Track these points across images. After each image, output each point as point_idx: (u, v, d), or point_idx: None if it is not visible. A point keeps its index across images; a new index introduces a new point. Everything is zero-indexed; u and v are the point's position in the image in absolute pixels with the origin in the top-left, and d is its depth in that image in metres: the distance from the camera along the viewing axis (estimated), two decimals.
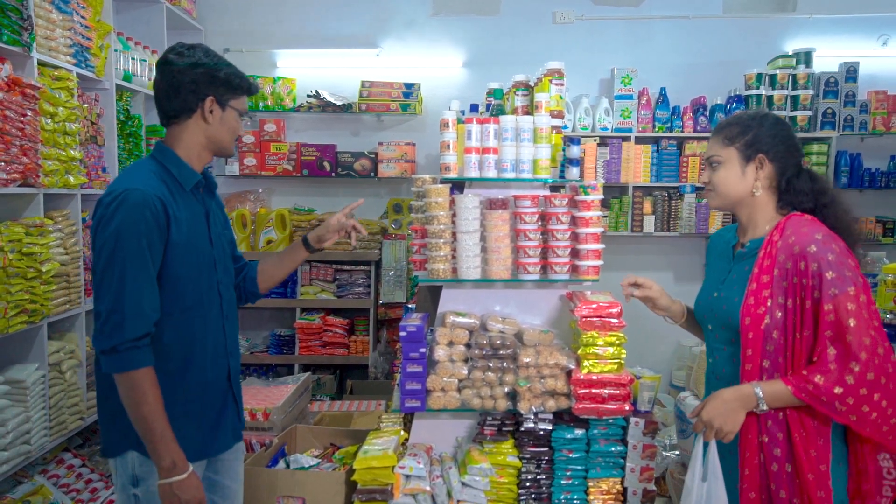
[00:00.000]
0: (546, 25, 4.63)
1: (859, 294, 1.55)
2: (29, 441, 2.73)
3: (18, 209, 2.77)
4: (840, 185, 4.51)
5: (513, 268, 2.21)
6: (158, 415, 1.58)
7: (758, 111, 1.81)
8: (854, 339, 1.52)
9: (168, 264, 1.64)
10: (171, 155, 1.72)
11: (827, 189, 1.72)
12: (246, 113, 1.82)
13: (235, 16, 4.69)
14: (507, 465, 2.19)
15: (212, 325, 1.77)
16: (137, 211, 1.56)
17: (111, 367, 1.58)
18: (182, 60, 1.70)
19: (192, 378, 1.73)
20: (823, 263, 1.56)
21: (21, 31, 2.66)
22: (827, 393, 1.53)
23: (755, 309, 1.63)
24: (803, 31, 4.66)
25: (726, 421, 1.61)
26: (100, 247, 1.59)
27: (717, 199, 1.77)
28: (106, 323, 1.57)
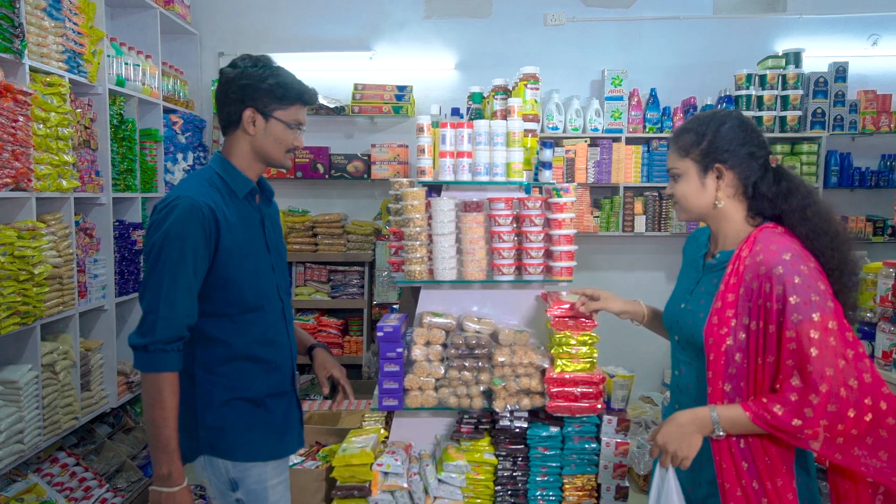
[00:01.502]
0: (537, 27, 4.67)
1: (826, 321, 1.43)
2: (22, 440, 2.78)
3: (11, 213, 2.83)
4: (830, 185, 4.53)
5: (488, 269, 2.25)
6: (170, 422, 1.60)
7: (713, 114, 1.63)
8: (815, 369, 1.41)
9: (221, 267, 1.66)
10: (226, 164, 1.74)
11: (791, 191, 1.57)
12: (300, 124, 1.76)
13: (230, 20, 4.74)
14: (483, 462, 2.24)
15: (275, 328, 1.79)
16: (185, 217, 1.59)
17: (140, 364, 1.61)
18: (231, 72, 1.71)
19: (258, 377, 1.74)
20: (789, 286, 1.44)
21: (12, 38, 2.71)
22: (785, 425, 1.43)
23: (718, 329, 1.53)
24: (793, 32, 4.67)
25: (681, 446, 1.50)
26: (148, 249, 1.63)
27: (683, 213, 1.66)
28: (143, 321, 1.61)
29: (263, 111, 1.69)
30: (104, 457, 3.45)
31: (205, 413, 1.70)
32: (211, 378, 1.70)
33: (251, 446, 1.73)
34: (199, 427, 1.69)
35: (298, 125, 1.75)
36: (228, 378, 1.70)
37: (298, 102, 1.74)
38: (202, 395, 1.70)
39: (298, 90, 1.73)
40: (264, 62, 1.74)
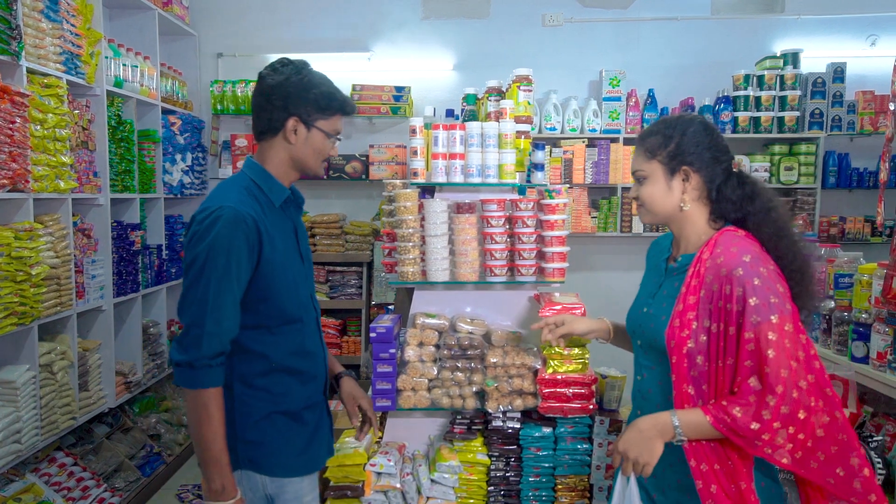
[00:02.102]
0: (535, 28, 4.68)
1: (783, 323, 1.44)
2: (20, 440, 2.80)
3: (8, 214, 2.84)
4: (829, 186, 4.53)
5: (480, 270, 2.26)
6: (219, 436, 1.57)
7: (679, 117, 1.63)
8: (772, 370, 1.42)
9: (262, 280, 1.62)
10: (263, 172, 1.70)
11: (755, 194, 1.59)
12: (338, 134, 1.75)
13: (228, 21, 4.76)
14: (476, 462, 2.24)
15: (311, 338, 1.76)
16: (229, 229, 1.56)
17: (183, 381, 1.57)
18: (273, 78, 1.67)
19: (296, 389, 1.71)
20: (749, 288, 1.45)
21: (9, 40, 2.73)
22: (744, 428, 1.43)
23: (679, 331, 1.52)
24: (791, 32, 4.67)
25: (642, 452, 1.48)
26: (190, 261, 1.58)
27: (647, 216, 1.64)
28: (185, 336, 1.56)
29: (306, 120, 1.67)
30: (102, 457, 3.47)
31: (244, 427, 1.66)
32: (250, 391, 1.66)
33: (289, 461, 1.70)
34: (238, 441, 1.65)
35: (337, 135, 1.75)
36: (267, 391, 1.67)
37: (339, 113, 1.72)
38: (241, 409, 1.66)
39: (341, 101, 1.72)
40: (308, 70, 1.70)
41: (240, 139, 4.61)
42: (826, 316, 2.77)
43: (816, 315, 2.87)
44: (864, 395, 2.45)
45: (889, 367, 2.36)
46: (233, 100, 4.58)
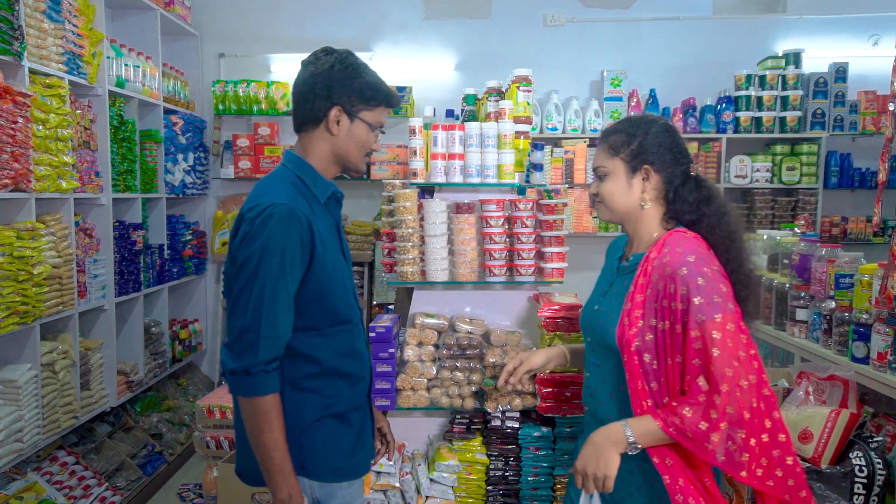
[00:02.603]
0: (536, 28, 4.68)
1: (726, 322, 1.45)
2: (21, 439, 2.81)
3: (10, 213, 2.85)
4: (830, 186, 4.53)
5: (479, 270, 2.27)
6: (281, 443, 1.51)
7: (643, 117, 1.66)
8: (717, 369, 1.42)
9: (314, 280, 1.56)
10: (306, 166, 1.63)
11: (712, 198, 1.61)
12: (382, 127, 1.68)
13: (230, 21, 4.77)
14: (475, 462, 2.25)
15: (360, 339, 1.71)
16: (283, 228, 1.49)
17: (239, 390, 1.51)
18: (316, 66, 1.60)
19: (345, 392, 1.66)
20: (693, 287, 1.46)
21: (12, 40, 2.74)
22: (692, 428, 1.41)
23: (628, 329, 1.53)
24: (793, 32, 4.67)
25: (598, 465, 1.46)
26: (242, 262, 1.50)
27: (606, 213, 1.65)
28: (238, 341, 1.49)
29: (350, 111, 1.60)
30: (104, 455, 3.48)
31: (294, 431, 1.59)
32: (300, 395, 1.59)
33: (339, 465, 1.64)
34: (291, 446, 1.57)
35: (381, 128, 1.68)
36: (318, 395, 1.61)
37: (384, 104, 1.65)
38: (292, 413, 1.59)
39: (386, 92, 1.65)
40: (353, 59, 1.62)
41: (241, 139, 4.62)
42: (827, 316, 2.77)
43: (817, 315, 2.87)
44: (864, 395, 2.44)
45: (889, 368, 2.36)
46: (234, 100, 4.59)
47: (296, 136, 1.66)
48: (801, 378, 2.33)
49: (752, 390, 1.44)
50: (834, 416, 2.10)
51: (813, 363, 2.62)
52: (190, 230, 4.62)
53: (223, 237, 4.65)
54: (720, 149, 4.50)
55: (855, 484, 2.04)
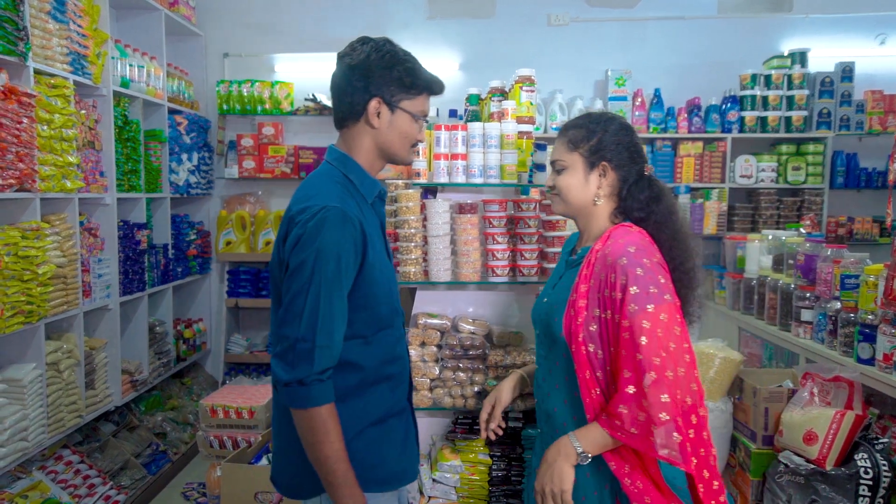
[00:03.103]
0: (541, 27, 4.67)
1: (659, 312, 1.45)
2: (26, 438, 2.82)
3: (15, 213, 2.87)
4: (837, 186, 4.50)
5: (482, 270, 2.26)
6: (342, 455, 1.44)
7: (604, 114, 1.68)
8: (644, 358, 1.42)
9: (364, 286, 1.49)
10: (353, 164, 1.56)
11: (661, 197, 1.63)
12: (425, 116, 1.60)
13: (234, 21, 4.78)
14: (478, 462, 2.24)
15: (402, 342, 1.65)
16: (338, 232, 1.42)
17: (293, 402, 1.43)
18: (352, 57, 1.52)
19: (385, 398, 1.59)
20: (631, 277, 1.47)
21: (17, 41, 2.75)
22: (634, 423, 1.42)
23: (574, 319, 1.54)
24: (799, 31, 4.65)
25: (553, 480, 1.48)
26: (295, 267, 1.43)
27: (560, 205, 1.67)
28: (291, 351, 1.41)
29: (390, 101, 1.52)
30: (108, 455, 3.49)
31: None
32: (344, 406, 1.50)
33: (382, 474, 1.57)
34: None
35: (424, 116, 1.60)
36: (362, 404, 1.54)
37: (426, 92, 1.57)
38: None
39: (427, 79, 1.56)
40: (390, 46, 1.54)
41: (245, 139, 4.62)
42: (832, 317, 2.76)
43: (822, 315, 2.85)
44: (869, 397, 2.43)
45: (895, 369, 2.34)
46: (238, 99, 4.60)
47: (299, 136, 1.61)
48: (806, 379, 2.31)
49: (680, 383, 1.44)
50: (839, 417, 2.09)
51: (818, 364, 2.60)
52: (194, 230, 4.64)
53: (227, 237, 4.66)
54: (725, 148, 4.48)
55: (860, 486, 2.03)
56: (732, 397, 2.46)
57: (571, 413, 1.58)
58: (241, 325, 4.88)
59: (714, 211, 4.46)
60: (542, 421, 1.71)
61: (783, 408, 2.27)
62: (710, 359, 2.50)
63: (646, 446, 1.43)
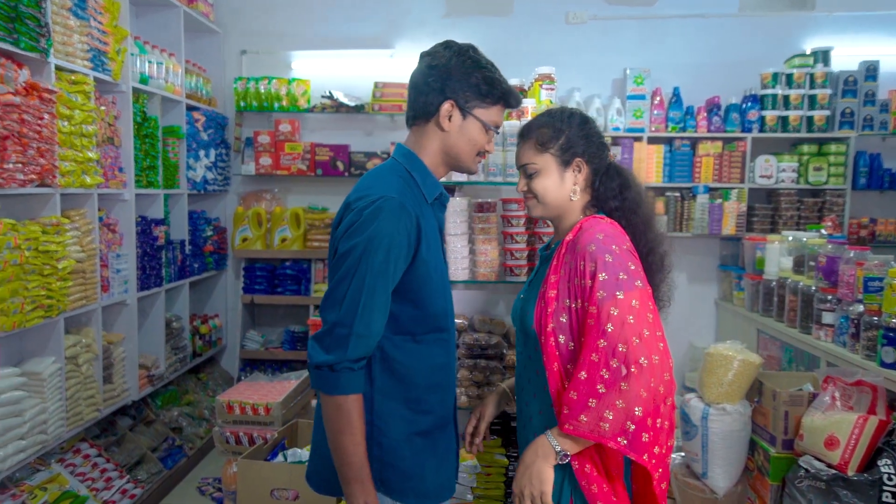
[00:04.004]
0: (559, 25, 4.64)
1: (630, 299, 1.42)
2: (45, 431, 2.85)
3: (36, 208, 2.89)
4: (859, 187, 4.43)
5: (500, 269, 2.25)
6: (360, 448, 1.43)
7: (562, 109, 1.66)
8: (608, 344, 1.39)
9: (415, 281, 1.48)
10: (418, 162, 1.55)
11: (630, 183, 1.62)
12: (497, 128, 1.59)
13: (253, 18, 4.79)
14: (494, 463, 2.23)
15: (452, 350, 1.62)
16: (393, 222, 1.41)
17: (322, 385, 1.43)
18: (432, 58, 1.55)
19: (438, 408, 1.57)
20: (600, 264, 1.45)
21: (38, 37, 2.77)
22: (582, 407, 1.39)
23: (544, 311, 1.52)
24: (822, 30, 4.57)
25: (532, 481, 1.43)
26: (344, 252, 1.43)
27: (538, 209, 1.62)
28: (328, 335, 1.42)
29: (463, 106, 1.53)
30: (125, 448, 3.52)
31: (381, 445, 1.51)
32: (390, 406, 1.51)
33: (425, 488, 1.54)
34: (374, 460, 1.49)
35: (496, 128, 1.59)
36: (409, 408, 1.52)
37: (501, 103, 1.57)
38: (380, 425, 1.51)
39: (504, 90, 1.56)
40: (473, 54, 1.55)
41: (262, 136, 4.64)
42: (854, 320, 2.71)
43: (844, 318, 2.81)
44: (893, 401, 2.38)
45: None
46: (256, 96, 4.61)
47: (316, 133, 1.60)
48: (828, 383, 2.28)
49: (653, 370, 1.39)
50: (861, 422, 2.06)
51: (839, 368, 2.57)
52: (211, 226, 4.66)
53: (244, 233, 4.68)
54: (745, 148, 4.43)
55: (883, 493, 2.00)
56: (751, 400, 2.43)
57: (539, 407, 1.56)
58: (256, 321, 4.90)
59: (733, 211, 4.41)
60: (517, 415, 1.69)
61: (804, 412, 2.24)
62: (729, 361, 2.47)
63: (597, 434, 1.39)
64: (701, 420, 2.40)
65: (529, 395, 1.60)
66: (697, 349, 4.45)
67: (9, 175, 2.56)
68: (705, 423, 2.47)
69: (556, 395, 1.47)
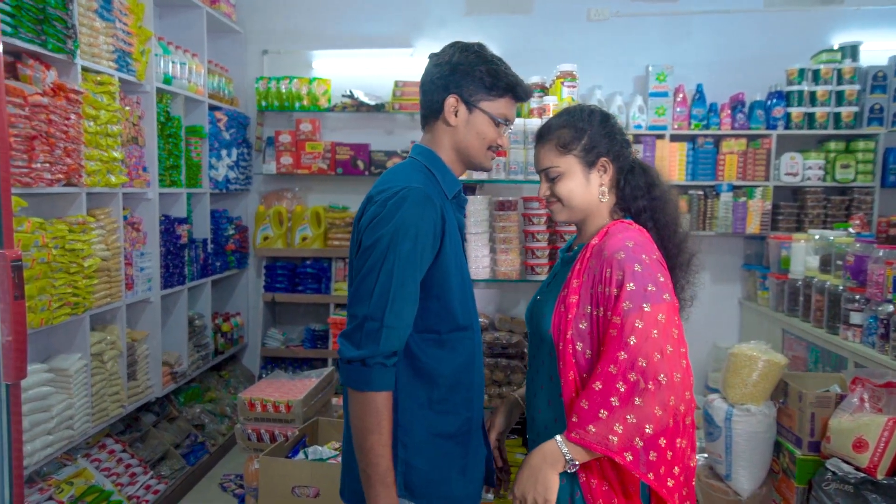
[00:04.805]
0: (580, 23, 4.61)
1: (656, 312, 1.36)
2: (72, 426, 2.90)
3: (62, 207, 2.94)
4: (888, 185, 4.34)
5: (521, 268, 2.24)
6: (387, 450, 1.39)
7: (580, 107, 1.58)
8: (629, 357, 1.33)
9: (439, 273, 1.45)
10: (436, 158, 1.53)
11: (656, 180, 1.56)
12: (507, 121, 1.55)
13: (274, 18, 4.82)
14: (516, 462, 2.22)
15: (478, 351, 1.57)
16: (418, 211, 1.39)
17: (352, 381, 1.39)
18: (438, 57, 1.54)
19: (463, 409, 1.52)
20: (628, 273, 1.38)
21: (65, 39, 2.82)
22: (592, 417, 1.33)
23: (564, 316, 1.46)
24: (850, 24, 4.48)
25: (536, 488, 1.37)
26: (370, 244, 1.40)
27: (564, 213, 1.56)
28: (359, 329, 1.39)
29: (468, 100, 1.50)
30: (149, 444, 3.57)
31: (406, 448, 1.47)
32: (415, 406, 1.47)
33: (449, 492, 1.50)
34: (398, 461, 1.45)
35: (506, 121, 1.55)
36: (434, 409, 1.48)
37: (509, 95, 1.53)
38: (405, 426, 1.47)
39: (510, 82, 1.51)
40: (477, 49, 1.53)
41: (283, 135, 4.67)
42: (884, 320, 2.66)
43: (873, 318, 2.75)
44: None
45: None
46: (277, 96, 4.65)
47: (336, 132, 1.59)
48: (856, 384, 2.24)
49: (673, 388, 1.33)
50: (892, 424, 2.02)
51: (868, 369, 2.51)
52: (233, 225, 4.70)
53: (265, 232, 4.72)
54: (770, 146, 4.36)
55: None
56: (776, 401, 2.40)
57: (553, 415, 1.49)
58: (277, 319, 4.93)
59: (757, 210, 4.34)
60: (528, 423, 1.62)
61: (831, 413, 2.20)
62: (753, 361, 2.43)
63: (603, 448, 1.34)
64: (724, 421, 2.37)
65: (543, 403, 1.53)
66: (721, 349, 4.39)
67: (37, 174, 2.61)
68: (729, 424, 2.44)
69: (570, 404, 1.42)
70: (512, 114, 1.56)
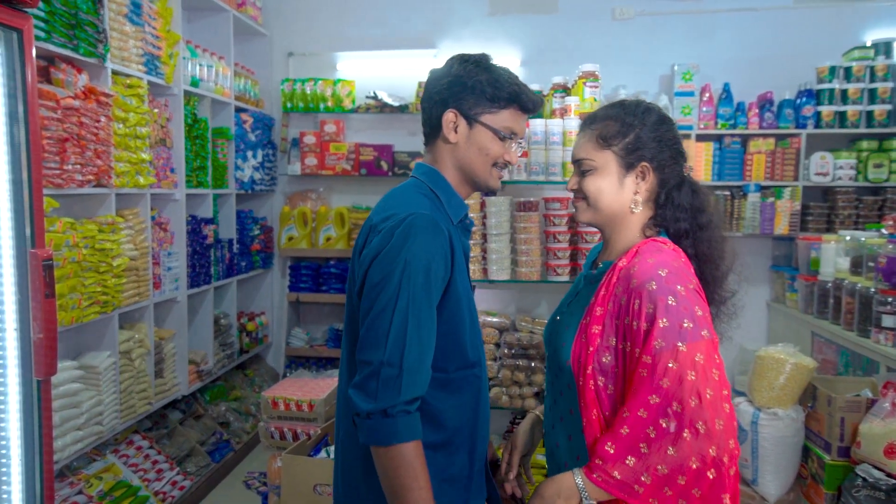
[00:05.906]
0: (605, 22, 4.58)
1: (693, 353, 1.22)
2: (101, 422, 2.96)
3: (92, 208, 3.01)
4: None
5: (542, 269, 2.23)
6: (430, 501, 1.25)
7: (639, 103, 1.40)
8: (661, 402, 1.21)
9: (449, 306, 1.33)
10: (441, 179, 1.41)
11: (706, 206, 1.39)
12: (514, 134, 1.41)
13: (299, 21, 4.87)
14: (535, 463, 2.21)
15: (485, 390, 1.45)
16: (428, 241, 1.27)
17: (375, 437, 1.24)
18: (437, 70, 1.44)
19: (463, 452, 1.40)
20: (661, 307, 1.23)
21: (96, 43, 2.88)
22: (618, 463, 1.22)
23: (585, 348, 1.32)
24: (884, 20, 4.38)
25: None
26: (379, 281, 1.27)
27: (587, 213, 1.40)
28: (374, 377, 1.23)
29: (468, 114, 1.37)
30: (175, 441, 3.62)
31: None
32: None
33: None
34: None
35: (512, 134, 1.40)
36: (441, 452, 1.36)
37: (513, 106, 1.39)
38: None
39: (513, 90, 1.38)
40: (478, 58, 1.41)
41: (308, 136, 4.71)
42: None
43: None
44: None
45: None
46: (302, 97, 4.69)
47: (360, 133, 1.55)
48: (888, 389, 2.19)
49: (713, 437, 1.21)
50: None
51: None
52: (258, 225, 4.76)
53: (289, 232, 4.76)
54: (799, 145, 4.28)
55: None
56: (804, 405, 2.35)
57: (575, 452, 1.36)
58: (301, 319, 4.98)
59: (786, 210, 4.27)
60: (546, 453, 1.50)
61: (861, 418, 2.16)
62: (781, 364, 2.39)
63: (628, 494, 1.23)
64: (751, 425, 2.33)
65: (562, 437, 1.40)
66: (748, 352, 4.32)
67: (68, 176, 2.67)
68: (755, 427, 2.40)
69: (593, 445, 1.30)
70: (519, 126, 1.42)
